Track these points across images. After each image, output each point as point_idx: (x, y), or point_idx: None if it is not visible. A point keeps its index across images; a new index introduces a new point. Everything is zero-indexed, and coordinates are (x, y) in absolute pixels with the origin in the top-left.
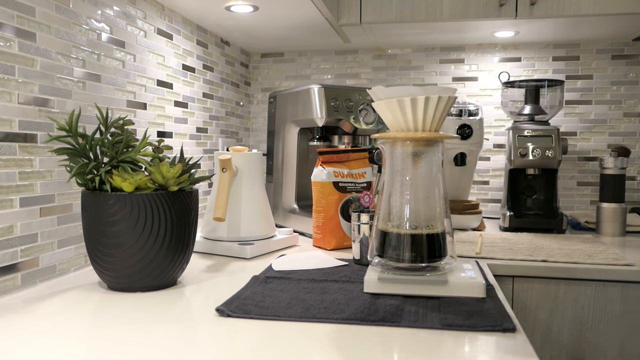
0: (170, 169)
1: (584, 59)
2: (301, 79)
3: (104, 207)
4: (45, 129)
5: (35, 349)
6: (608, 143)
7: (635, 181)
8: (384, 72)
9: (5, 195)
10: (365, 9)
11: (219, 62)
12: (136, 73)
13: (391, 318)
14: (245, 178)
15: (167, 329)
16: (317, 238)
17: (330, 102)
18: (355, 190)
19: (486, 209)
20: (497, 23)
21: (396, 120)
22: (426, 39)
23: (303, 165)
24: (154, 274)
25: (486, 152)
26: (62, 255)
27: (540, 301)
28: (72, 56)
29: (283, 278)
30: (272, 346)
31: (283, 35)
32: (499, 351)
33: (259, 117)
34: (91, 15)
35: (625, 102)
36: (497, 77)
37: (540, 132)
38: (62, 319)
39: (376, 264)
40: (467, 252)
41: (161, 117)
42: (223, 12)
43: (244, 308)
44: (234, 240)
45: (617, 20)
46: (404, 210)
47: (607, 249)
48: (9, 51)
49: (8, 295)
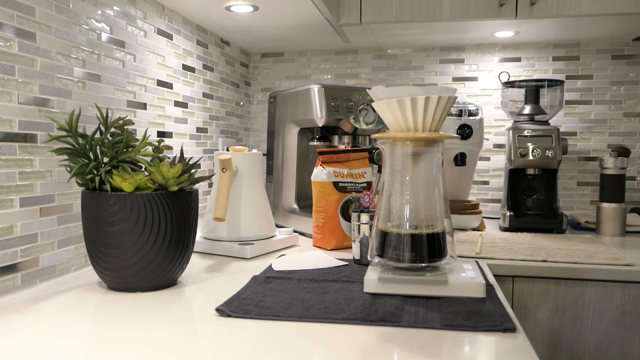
0: (170, 169)
1: (584, 59)
2: (301, 79)
3: (104, 207)
4: (45, 129)
5: (35, 349)
6: (608, 143)
7: (635, 181)
8: (384, 72)
9: (5, 195)
10: (365, 9)
11: (219, 62)
12: (136, 73)
13: (391, 318)
14: (245, 178)
15: (167, 329)
16: (317, 238)
17: (330, 102)
18: (355, 190)
19: (486, 209)
20: (497, 23)
21: (396, 120)
22: (426, 39)
23: (303, 165)
24: (154, 274)
25: (486, 152)
26: (62, 255)
27: (540, 301)
28: (72, 56)
29: (283, 278)
30: (272, 346)
31: (283, 35)
32: (499, 351)
33: (259, 117)
34: (91, 15)
35: (625, 102)
36: (497, 77)
37: (540, 132)
38: (62, 319)
39: (376, 264)
40: (467, 252)
41: (161, 117)
42: (223, 12)
43: (244, 308)
44: (234, 240)
45: (617, 20)
46: (404, 210)
47: (607, 249)
48: (9, 51)
49: (8, 295)
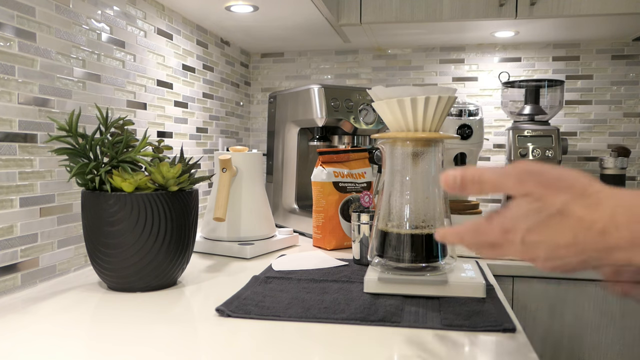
0: (170, 169)
1: (584, 59)
2: (301, 79)
3: (104, 207)
4: (45, 129)
5: (35, 349)
6: (608, 143)
7: (635, 181)
8: (384, 72)
9: (5, 195)
10: (365, 9)
11: (219, 62)
12: (136, 73)
13: (391, 318)
14: (245, 178)
15: (167, 329)
16: (317, 238)
17: (330, 102)
18: (355, 190)
19: (486, 209)
20: (497, 23)
21: (396, 120)
22: (426, 39)
23: (303, 165)
24: (154, 274)
25: (486, 152)
26: (62, 255)
27: (540, 301)
28: (72, 56)
29: (283, 278)
30: (272, 346)
31: (283, 36)
32: (499, 351)
33: (259, 117)
34: (91, 15)
35: (625, 102)
36: (497, 77)
37: (540, 132)
38: (62, 319)
39: (376, 264)
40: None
41: (161, 117)
42: (223, 12)
43: (244, 308)
44: (234, 240)
45: (617, 20)
46: (404, 210)
47: None
48: (9, 51)
49: (8, 295)
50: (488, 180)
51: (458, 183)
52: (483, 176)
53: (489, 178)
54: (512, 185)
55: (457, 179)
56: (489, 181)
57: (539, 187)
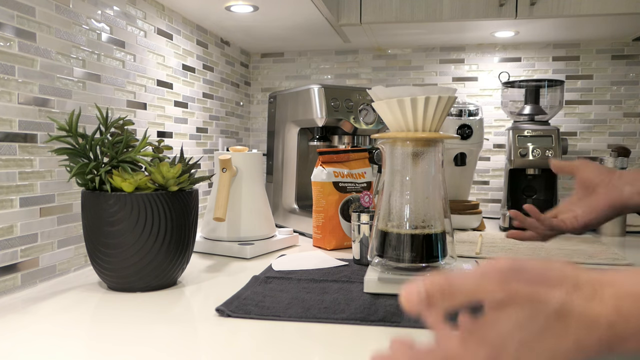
0: (170, 169)
1: (584, 59)
2: (301, 79)
3: (104, 207)
4: (45, 129)
5: (35, 349)
6: (608, 143)
7: None
8: (384, 72)
9: (5, 195)
10: (365, 9)
11: (219, 62)
12: (136, 73)
13: (391, 318)
14: (245, 178)
15: (167, 329)
16: (317, 238)
17: (330, 102)
18: (355, 190)
19: (486, 209)
20: (497, 23)
21: (396, 120)
22: (426, 39)
23: (303, 165)
24: (154, 274)
25: (486, 152)
26: (62, 255)
27: None
28: (72, 56)
29: (283, 278)
30: (272, 346)
31: (283, 35)
32: None
33: (259, 117)
34: (91, 15)
35: (625, 102)
36: (497, 77)
37: (540, 132)
38: (62, 319)
39: (376, 264)
40: (467, 252)
41: (161, 117)
42: (223, 12)
43: (244, 308)
44: (234, 240)
45: (617, 20)
46: (404, 210)
47: (607, 249)
48: (9, 51)
49: (8, 295)
50: (461, 288)
51: (423, 298)
52: (454, 285)
53: (462, 285)
54: (494, 288)
55: (420, 294)
56: (463, 290)
57: (528, 286)
